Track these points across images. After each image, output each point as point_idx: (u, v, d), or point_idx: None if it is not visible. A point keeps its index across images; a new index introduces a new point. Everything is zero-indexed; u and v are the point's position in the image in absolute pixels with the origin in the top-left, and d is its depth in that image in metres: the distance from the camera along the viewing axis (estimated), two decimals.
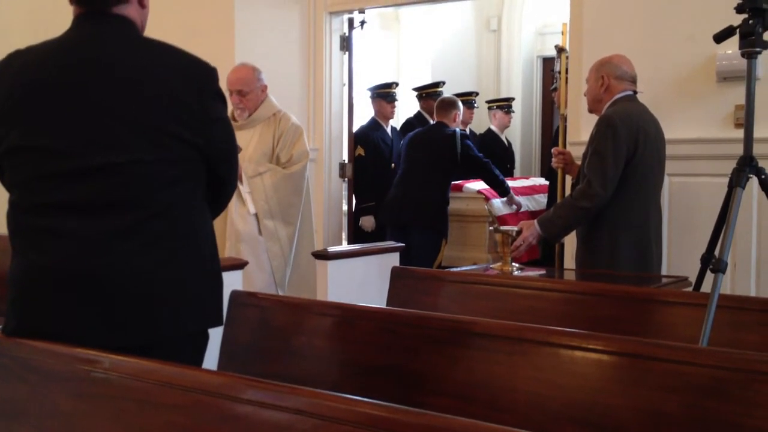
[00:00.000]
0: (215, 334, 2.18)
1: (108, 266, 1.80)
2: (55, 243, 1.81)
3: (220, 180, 2.02)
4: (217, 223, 3.61)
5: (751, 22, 2.68)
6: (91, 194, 1.80)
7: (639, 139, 3.26)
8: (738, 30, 2.74)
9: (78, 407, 1.73)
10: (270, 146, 4.02)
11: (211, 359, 2.23)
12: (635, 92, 3.42)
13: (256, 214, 3.92)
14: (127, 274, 1.81)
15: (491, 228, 4.95)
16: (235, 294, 2.45)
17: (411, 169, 5.21)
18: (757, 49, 2.71)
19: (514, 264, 3.36)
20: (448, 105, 5.33)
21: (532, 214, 5.54)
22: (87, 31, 1.89)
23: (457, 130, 5.30)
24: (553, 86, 5.47)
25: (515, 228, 3.44)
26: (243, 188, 3.91)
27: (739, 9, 2.71)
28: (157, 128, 1.83)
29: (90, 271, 1.79)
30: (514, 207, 5.57)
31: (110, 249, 1.80)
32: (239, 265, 2.94)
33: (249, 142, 3.96)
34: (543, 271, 3.86)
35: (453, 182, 5.38)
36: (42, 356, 1.79)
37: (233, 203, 3.85)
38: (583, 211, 3.29)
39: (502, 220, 5.31)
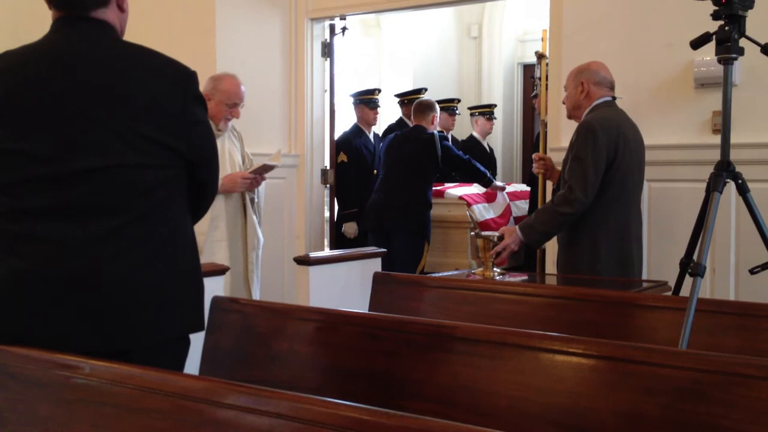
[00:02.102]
0: (197, 340, 2.17)
1: (87, 271, 1.79)
2: (34, 248, 1.80)
3: (201, 184, 2.02)
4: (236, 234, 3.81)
5: (726, 28, 2.72)
6: (71, 199, 1.79)
7: (619, 144, 3.29)
8: (714, 36, 2.77)
9: (58, 413, 1.72)
10: (242, 154, 4.15)
11: (192, 365, 2.22)
12: (614, 98, 3.46)
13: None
14: (106, 279, 1.80)
15: (473, 233, 4.98)
16: (216, 300, 2.44)
17: (391, 173, 5.22)
18: (733, 56, 2.74)
19: (495, 269, 3.37)
20: (426, 108, 5.34)
21: (514, 220, 5.58)
22: (66, 35, 1.88)
23: (435, 132, 5.31)
24: (534, 93, 5.51)
25: (496, 233, 3.46)
26: (262, 200, 4.06)
27: (715, 16, 2.74)
28: (138, 133, 1.82)
29: (69, 276, 1.78)
30: (500, 193, 5.66)
31: (89, 254, 1.79)
32: (221, 270, 2.93)
33: (231, 151, 4.04)
34: (525, 276, 3.88)
35: (435, 188, 5.40)
36: (21, 362, 1.77)
37: (250, 213, 3.97)
38: (565, 217, 3.31)
39: (484, 225, 5.34)
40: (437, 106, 5.45)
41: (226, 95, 3.89)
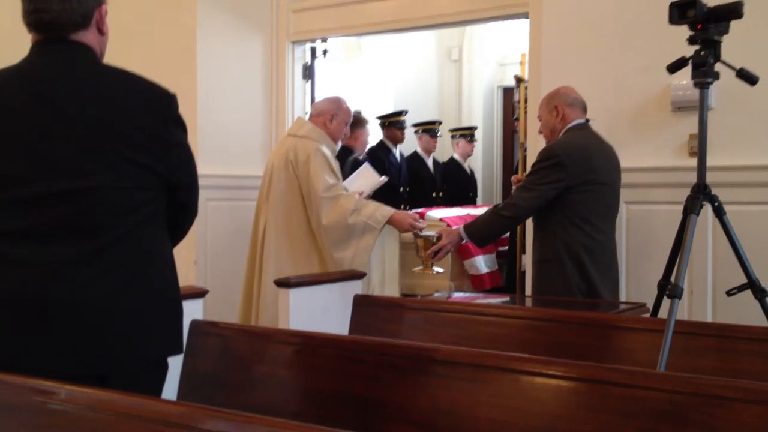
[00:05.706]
0: (176, 364, 2.15)
1: (65, 295, 1.77)
2: (12, 271, 1.78)
3: (181, 206, 2.02)
4: None
5: (702, 53, 2.75)
6: (49, 221, 1.78)
7: (583, 168, 3.31)
8: (690, 61, 2.81)
9: None
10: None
11: (171, 389, 2.20)
12: (587, 120, 3.50)
13: None
14: (83, 302, 1.78)
15: (413, 233, 4.76)
16: (195, 323, 2.43)
17: None
18: (709, 80, 2.77)
19: (435, 268, 3.62)
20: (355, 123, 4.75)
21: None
22: (45, 58, 1.88)
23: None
24: (515, 116, 5.55)
25: (434, 233, 3.60)
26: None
27: (691, 41, 2.78)
28: (117, 155, 1.82)
29: (47, 299, 1.77)
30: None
31: (67, 277, 1.78)
32: (199, 293, 2.90)
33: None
34: (506, 298, 3.89)
35: (416, 211, 5.33)
36: None
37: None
38: (503, 219, 3.49)
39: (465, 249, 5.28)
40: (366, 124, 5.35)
41: (349, 116, 4.07)
